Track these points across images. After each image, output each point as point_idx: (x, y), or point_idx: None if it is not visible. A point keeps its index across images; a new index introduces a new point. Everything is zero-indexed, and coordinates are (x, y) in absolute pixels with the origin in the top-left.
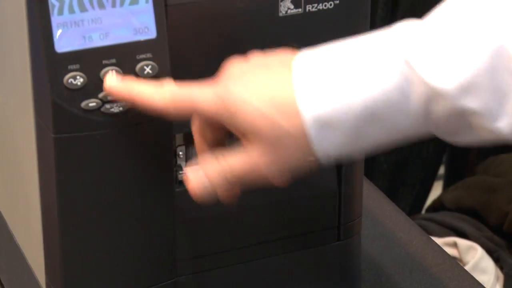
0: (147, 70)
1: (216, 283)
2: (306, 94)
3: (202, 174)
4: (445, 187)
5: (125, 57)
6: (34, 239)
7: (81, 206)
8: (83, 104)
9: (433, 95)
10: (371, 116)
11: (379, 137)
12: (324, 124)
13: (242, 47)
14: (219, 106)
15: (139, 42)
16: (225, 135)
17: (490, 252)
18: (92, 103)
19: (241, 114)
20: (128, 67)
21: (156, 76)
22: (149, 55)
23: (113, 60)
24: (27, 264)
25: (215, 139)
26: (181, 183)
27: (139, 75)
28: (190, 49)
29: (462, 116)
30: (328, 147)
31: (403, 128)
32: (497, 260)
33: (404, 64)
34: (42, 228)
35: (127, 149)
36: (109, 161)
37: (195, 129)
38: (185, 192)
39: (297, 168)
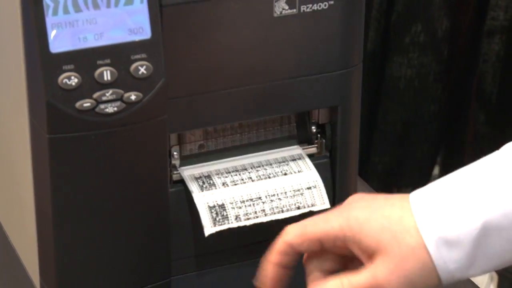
0: (142, 70)
1: (210, 283)
2: (425, 217)
3: None
4: None
5: (120, 58)
6: (28, 239)
7: (75, 206)
8: (77, 104)
9: None
10: (490, 228)
11: (499, 249)
12: (445, 243)
13: (237, 48)
14: (345, 227)
15: (134, 43)
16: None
17: None
18: (86, 103)
19: (367, 231)
20: (122, 68)
21: (150, 76)
22: (143, 55)
23: (108, 61)
24: (21, 264)
25: (331, 268)
26: (175, 183)
27: (134, 75)
28: (185, 49)
29: None
30: (449, 264)
31: None
32: None
33: None
34: (36, 229)
35: (122, 149)
36: (103, 161)
37: (311, 265)
38: (179, 192)
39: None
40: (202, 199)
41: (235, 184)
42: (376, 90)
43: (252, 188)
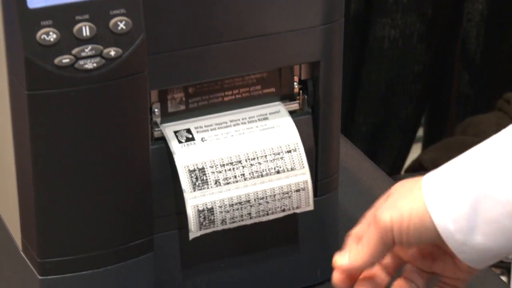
0: (121, 25)
1: (192, 242)
2: (436, 205)
3: None
4: (424, 148)
5: (98, 13)
6: (10, 197)
7: (56, 163)
8: (56, 60)
9: None
10: (486, 196)
11: (496, 214)
12: (443, 201)
13: (217, 3)
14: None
15: None
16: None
17: None
18: (65, 59)
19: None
20: (101, 23)
21: (129, 31)
22: (122, 10)
23: (86, 16)
24: (3, 223)
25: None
26: (156, 140)
27: (113, 31)
28: (164, 4)
29: None
30: (448, 222)
31: None
32: None
33: None
34: (17, 187)
35: (102, 106)
36: (83, 118)
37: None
38: (160, 149)
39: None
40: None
41: (227, 183)
42: (360, 50)
43: (243, 190)
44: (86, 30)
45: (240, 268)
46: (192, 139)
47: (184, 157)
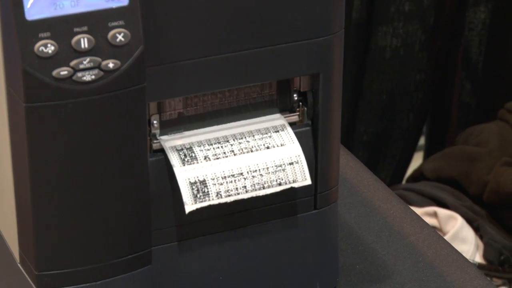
0: (119, 37)
1: (191, 253)
2: None
3: None
4: (426, 158)
5: (97, 25)
6: (8, 210)
7: (54, 176)
8: (54, 72)
9: None
10: None
11: None
12: None
13: (216, 15)
14: None
15: (111, 10)
16: None
17: (470, 221)
18: (63, 72)
19: None
20: (100, 35)
21: (128, 43)
22: (121, 22)
23: (85, 28)
24: (0, 236)
25: None
26: (155, 152)
27: (111, 43)
28: (163, 16)
29: None
30: None
31: None
32: (477, 229)
33: None
34: (15, 200)
35: (100, 118)
36: (81, 130)
37: None
38: (159, 161)
39: None
40: (184, 174)
41: (217, 158)
42: (361, 59)
43: (234, 163)
44: (84, 42)
45: (239, 281)
46: (195, 158)
47: (172, 141)
